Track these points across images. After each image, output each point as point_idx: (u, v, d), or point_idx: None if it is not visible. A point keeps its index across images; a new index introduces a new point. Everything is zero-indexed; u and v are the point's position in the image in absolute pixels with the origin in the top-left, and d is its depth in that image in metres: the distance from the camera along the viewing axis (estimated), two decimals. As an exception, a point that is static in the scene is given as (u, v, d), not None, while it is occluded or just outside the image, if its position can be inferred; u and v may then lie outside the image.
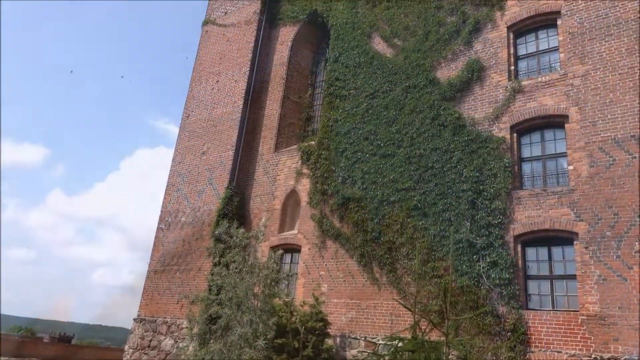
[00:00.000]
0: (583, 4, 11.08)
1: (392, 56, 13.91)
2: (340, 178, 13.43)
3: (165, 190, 17.56)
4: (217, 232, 12.78)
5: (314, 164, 14.30)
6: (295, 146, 15.55)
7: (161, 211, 17.30)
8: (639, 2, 10.31)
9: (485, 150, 11.15)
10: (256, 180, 15.78)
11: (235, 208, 15.18)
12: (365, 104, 13.81)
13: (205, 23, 19.83)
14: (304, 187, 14.41)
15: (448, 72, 12.69)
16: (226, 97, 17.32)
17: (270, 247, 14.09)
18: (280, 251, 12.90)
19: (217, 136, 16.82)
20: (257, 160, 16.09)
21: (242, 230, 11.63)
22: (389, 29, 14.39)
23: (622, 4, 10.52)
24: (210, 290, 12.80)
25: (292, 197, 14.82)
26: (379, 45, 14.46)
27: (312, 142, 14.86)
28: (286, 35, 17.56)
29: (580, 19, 11.00)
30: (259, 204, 15.30)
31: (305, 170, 14.59)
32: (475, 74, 12.10)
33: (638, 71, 9.85)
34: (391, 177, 12.38)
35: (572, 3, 11.25)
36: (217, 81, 17.99)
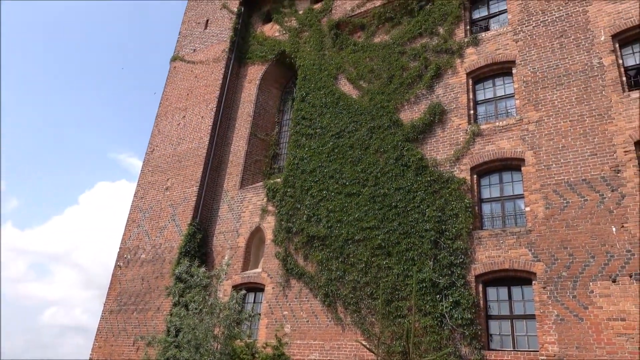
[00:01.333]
0: (536, 55, 11.77)
1: (358, 97, 14.28)
2: (305, 216, 13.42)
3: (125, 226, 17.06)
4: (177, 271, 12.44)
5: (279, 201, 14.27)
6: (260, 183, 15.52)
7: (120, 248, 16.75)
8: (586, 54, 11.04)
9: (447, 191, 11.42)
10: (220, 217, 15.57)
11: (198, 245, 14.87)
12: (331, 143, 14.02)
13: (174, 59, 19.92)
14: (269, 224, 14.30)
15: (411, 114, 13.10)
16: (192, 132, 17.25)
17: (233, 286, 13.78)
18: (243, 291, 12.63)
19: (181, 172, 16.62)
20: (221, 196, 15.94)
21: (202, 269, 11.37)
22: (354, 71, 14.83)
23: (570, 57, 11.23)
24: (168, 331, 12.33)
25: (256, 234, 14.66)
26: (345, 86, 14.84)
27: (278, 180, 14.88)
28: (254, 73, 17.82)
29: (533, 68, 11.66)
30: (222, 242, 15.04)
31: (270, 208, 14.53)
32: (437, 117, 12.53)
33: (587, 119, 10.44)
34: (356, 215, 12.47)
35: (526, 54, 11.93)
36: (184, 117, 17.94)
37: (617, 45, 10.86)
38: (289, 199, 14.05)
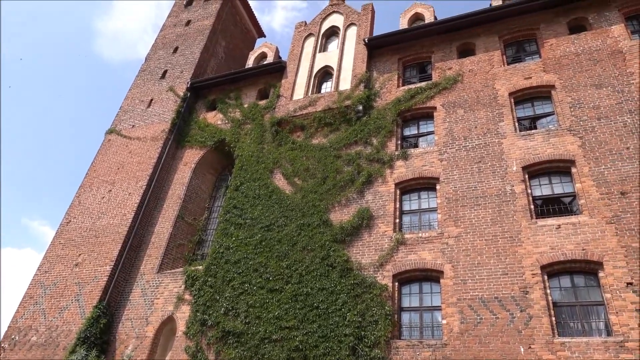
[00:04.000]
0: (457, 175, 12.78)
1: (291, 193, 14.55)
2: (223, 308, 12.82)
3: (20, 302, 15.35)
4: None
5: (198, 290, 13.62)
6: (181, 269, 14.85)
7: (8, 326, 14.89)
8: (500, 180, 12.15)
9: (369, 296, 11.49)
10: (131, 302, 14.49)
11: (101, 331, 13.56)
12: (259, 235, 13.91)
13: (110, 132, 19.57)
14: (183, 314, 13.47)
15: (341, 215, 13.45)
16: (116, 208, 16.51)
17: (132, 382, 12.48)
18: (143, 388, 11.46)
19: (96, 248, 15.59)
20: (136, 279, 14.97)
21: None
22: (290, 167, 15.25)
23: (487, 181, 12.31)
24: None
25: (168, 324, 13.69)
26: (279, 181, 15.13)
27: (200, 267, 14.32)
28: (191, 157, 17.81)
29: (455, 187, 12.60)
30: (129, 329, 13.85)
31: (187, 297, 13.79)
32: (365, 221, 12.94)
33: (500, 239, 11.22)
34: (276, 313, 12.09)
35: (449, 173, 12.94)
36: (110, 190, 17.25)
37: (526, 176, 12.10)
38: (209, 289, 13.46)
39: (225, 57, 23.53)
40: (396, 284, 11.78)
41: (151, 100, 20.25)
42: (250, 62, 20.74)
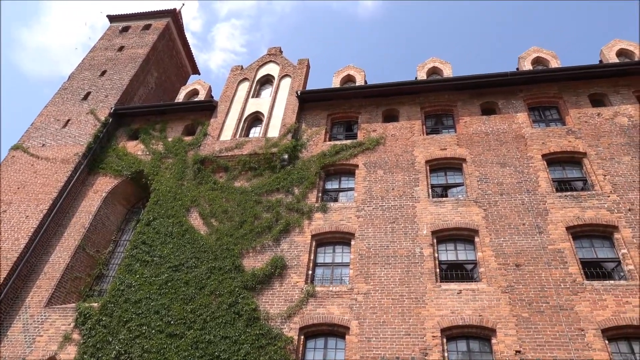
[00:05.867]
0: (372, 233, 13.18)
1: (206, 234, 14.14)
2: (115, 352, 11.85)
3: None
4: None
5: (89, 330, 12.54)
6: (73, 304, 13.65)
7: None
8: (411, 242, 12.69)
9: (273, 348, 11.20)
10: (9, 338, 12.96)
11: (-35, 370, 11.94)
12: (166, 275, 13.25)
13: (15, 148, 18.14)
14: (68, 356, 12.25)
15: (254, 262, 13.23)
16: (8, 231, 15.04)
17: None
18: None
19: (-23, 274, 13.93)
20: (18, 312, 13.50)
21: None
22: (209, 208, 14.91)
23: (399, 242, 12.79)
24: None
25: (48, 366, 12.35)
26: (195, 220, 14.69)
27: (95, 304, 13.26)
28: (103, 185, 16.87)
29: (368, 244, 12.95)
30: (0, 369, 12.30)
31: (75, 336, 12.62)
32: (278, 270, 12.81)
33: (406, 300, 11.57)
34: (173, 360, 11.37)
35: (365, 230, 13.31)
36: (5, 211, 15.74)
37: (435, 240, 12.75)
38: (102, 329, 12.44)
39: (156, 88, 23.07)
40: (302, 337, 11.63)
41: (68, 120, 19.17)
42: (180, 97, 20.47)
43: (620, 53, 17.39)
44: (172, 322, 12.14)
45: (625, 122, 14.47)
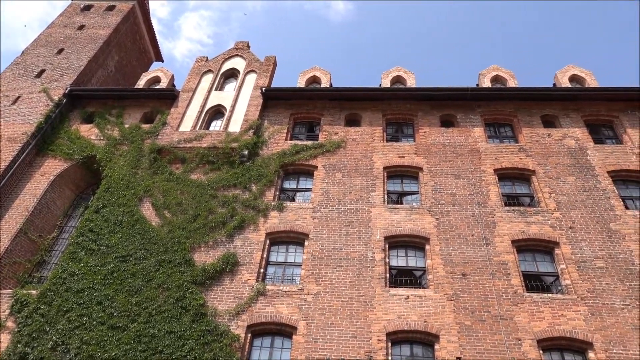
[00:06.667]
0: (326, 235, 13.26)
1: (157, 226, 13.80)
2: (51, 343, 11.37)
3: None
4: None
5: (25, 318, 11.98)
6: (10, 291, 13.00)
7: None
8: (364, 246, 12.85)
9: (219, 345, 11.06)
10: None
11: None
12: (112, 265, 12.84)
13: (-43, 121, 17.06)
14: (0, 345, 11.65)
15: (205, 257, 13.03)
16: (-58, 209, 14.15)
17: None
18: None
19: None
20: (-52, 296, 12.72)
21: None
22: (162, 199, 14.56)
23: (352, 245, 12.93)
24: None
25: (-23, 354, 11.71)
26: (147, 210, 14.31)
27: (34, 292, 12.69)
28: (51, 167, 16.16)
29: (322, 246, 13.03)
30: None
31: (10, 324, 12.03)
32: (229, 267, 12.67)
33: (355, 302, 11.71)
34: (113, 353, 11.02)
35: (319, 231, 13.38)
36: (-60, 188, 14.80)
37: (387, 246, 12.97)
38: (39, 317, 11.91)
39: (115, 71, 22.33)
40: (249, 335, 11.55)
41: (18, 97, 18.26)
42: (141, 83, 19.90)
43: (573, 78, 18.31)
44: (115, 314, 11.78)
45: (572, 144, 15.24)
